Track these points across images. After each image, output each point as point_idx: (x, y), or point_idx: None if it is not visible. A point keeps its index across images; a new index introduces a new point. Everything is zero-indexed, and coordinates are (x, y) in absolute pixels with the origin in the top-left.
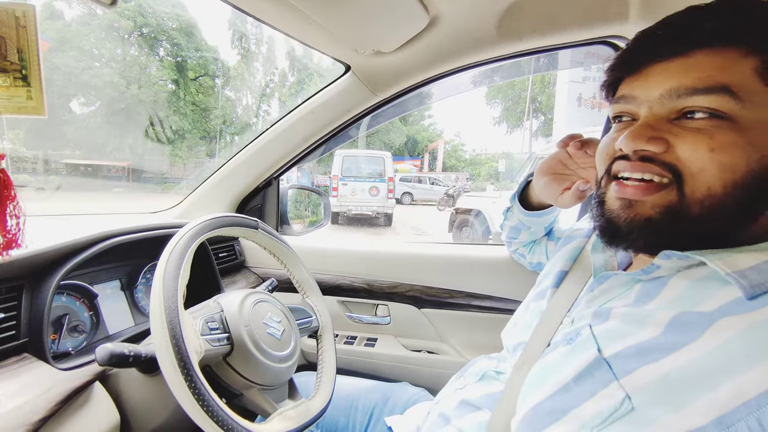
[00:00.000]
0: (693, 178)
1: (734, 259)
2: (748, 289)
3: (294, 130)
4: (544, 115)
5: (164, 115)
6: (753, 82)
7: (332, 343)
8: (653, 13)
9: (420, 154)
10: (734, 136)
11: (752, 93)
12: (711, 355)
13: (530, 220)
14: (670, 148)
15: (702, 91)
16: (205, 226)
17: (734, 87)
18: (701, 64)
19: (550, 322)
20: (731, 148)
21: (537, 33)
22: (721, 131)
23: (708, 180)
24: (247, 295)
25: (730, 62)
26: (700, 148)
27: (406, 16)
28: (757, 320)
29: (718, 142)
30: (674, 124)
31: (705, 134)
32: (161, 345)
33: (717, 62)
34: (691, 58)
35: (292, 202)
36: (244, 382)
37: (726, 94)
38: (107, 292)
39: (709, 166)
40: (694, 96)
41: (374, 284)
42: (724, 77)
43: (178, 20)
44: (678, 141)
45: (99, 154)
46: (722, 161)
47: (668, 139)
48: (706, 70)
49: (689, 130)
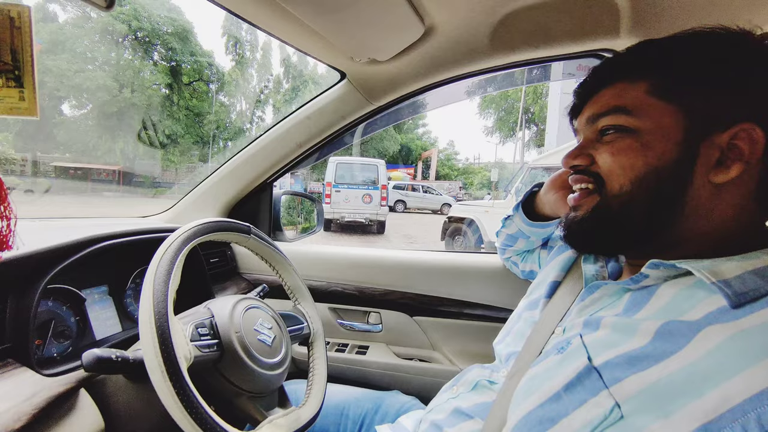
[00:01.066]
0: (608, 180)
1: (720, 269)
2: (732, 298)
3: (288, 136)
4: (536, 126)
5: (157, 120)
6: (645, 99)
7: (323, 350)
8: (643, 28)
9: (414, 162)
10: (630, 141)
11: (645, 107)
12: (698, 363)
13: (531, 230)
14: (594, 161)
15: (603, 113)
16: (197, 230)
17: (627, 105)
18: (605, 96)
19: (542, 332)
20: (627, 150)
21: (530, 45)
22: (621, 139)
23: (617, 179)
24: (238, 301)
25: (622, 90)
26: (606, 154)
27: (401, 26)
28: (741, 329)
29: (617, 147)
30: (598, 142)
31: (610, 144)
32: (150, 350)
33: (613, 92)
34: (600, 94)
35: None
36: (234, 389)
37: (620, 112)
38: (95, 297)
39: (614, 168)
40: (601, 118)
41: (366, 291)
42: (618, 101)
43: (173, 25)
44: (597, 154)
45: (89, 158)
46: (621, 162)
47: (593, 155)
48: (607, 99)
49: (603, 144)
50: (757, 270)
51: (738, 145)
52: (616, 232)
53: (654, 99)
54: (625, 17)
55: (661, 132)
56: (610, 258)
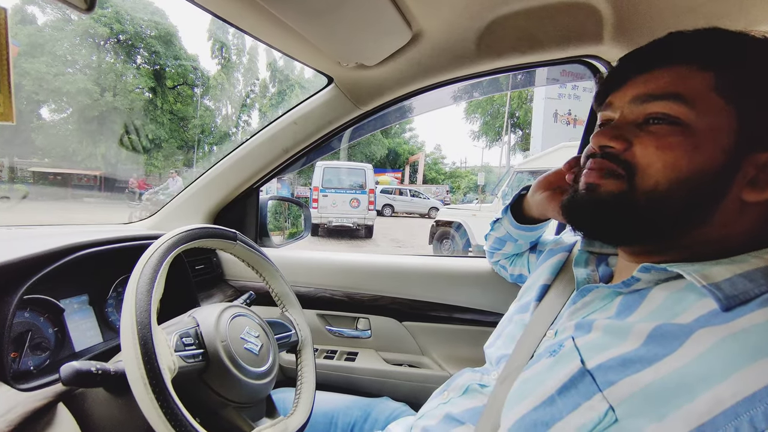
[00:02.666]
0: (642, 172)
1: (710, 272)
2: (723, 301)
3: (275, 141)
4: (521, 130)
5: (140, 124)
6: (707, 93)
7: (312, 358)
8: (626, 36)
9: (401, 166)
10: (681, 139)
11: (704, 102)
12: (690, 366)
13: (519, 233)
14: (630, 147)
15: (659, 97)
16: (182, 237)
17: (686, 95)
18: (661, 77)
19: (533, 335)
20: (675, 148)
21: (516, 51)
22: (671, 134)
23: (654, 175)
24: (224, 309)
25: (685, 76)
26: (650, 146)
27: (388, 31)
28: (732, 331)
29: (665, 142)
30: (639, 128)
31: (657, 135)
32: (132, 361)
33: (674, 76)
34: (654, 73)
35: (272, 214)
36: (220, 400)
37: (677, 101)
38: (74, 307)
39: (655, 161)
40: (654, 102)
41: (355, 297)
42: (677, 87)
43: (156, 28)
44: (636, 141)
45: (70, 163)
46: (665, 159)
47: (631, 139)
48: (664, 82)
49: (648, 132)
50: (746, 273)
51: None
52: (634, 225)
53: (716, 96)
54: (608, 24)
55: (713, 134)
56: (601, 261)
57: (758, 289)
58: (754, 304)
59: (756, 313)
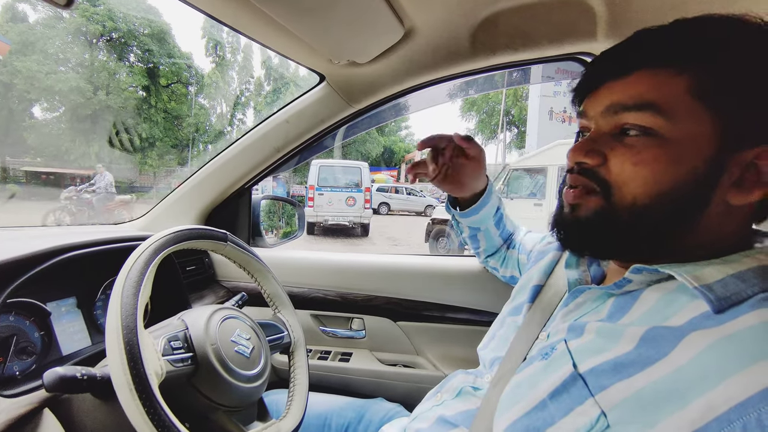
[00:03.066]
0: (619, 189)
1: (701, 273)
2: (714, 303)
3: (266, 140)
4: (517, 128)
5: (134, 123)
6: (684, 99)
7: (305, 359)
8: (619, 32)
9: (397, 164)
10: (659, 152)
11: (682, 110)
12: (682, 371)
13: (473, 219)
14: (605, 162)
15: (632, 107)
16: (170, 239)
17: (662, 104)
18: (637, 84)
19: (526, 337)
20: (654, 162)
21: (509, 48)
22: (647, 147)
23: (633, 191)
24: (214, 311)
25: (662, 81)
26: (626, 162)
27: (380, 28)
28: (725, 335)
29: (642, 157)
30: (615, 140)
31: (633, 150)
32: (117, 367)
33: (650, 81)
34: (631, 78)
35: (266, 213)
36: (210, 405)
37: (652, 111)
38: (61, 310)
39: (632, 179)
40: (627, 112)
41: (349, 297)
42: (653, 95)
43: (150, 26)
44: (611, 155)
45: (62, 162)
46: (645, 175)
47: (606, 153)
48: (639, 89)
49: (623, 145)
50: (738, 274)
51: (758, 165)
52: (618, 239)
53: (694, 100)
54: (601, 21)
55: (693, 143)
56: (592, 262)
57: (750, 290)
58: (747, 306)
59: (748, 316)
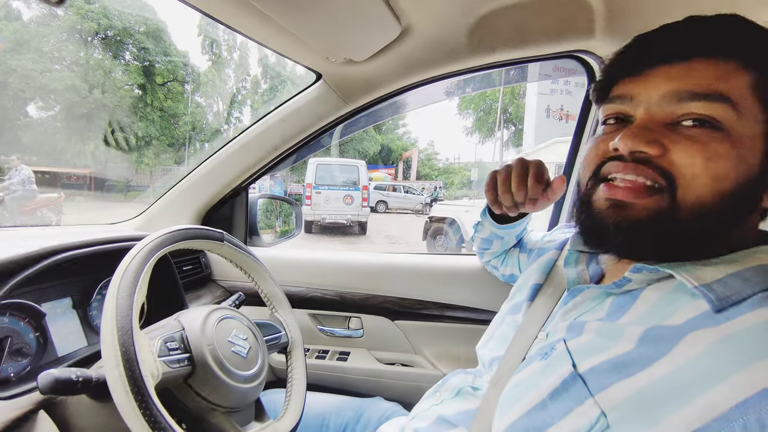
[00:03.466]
0: (686, 184)
1: (702, 272)
2: (714, 302)
3: (263, 139)
4: (514, 126)
5: (130, 121)
6: (748, 96)
7: (302, 359)
8: (618, 30)
9: (394, 162)
10: (728, 147)
11: (746, 106)
12: (682, 370)
13: (503, 231)
14: (665, 152)
15: (702, 97)
16: (166, 239)
17: (732, 96)
18: (702, 71)
19: (525, 336)
20: (724, 158)
21: (507, 45)
22: (716, 141)
23: (699, 188)
24: (210, 311)
25: (729, 73)
26: (697, 155)
27: (377, 26)
28: (725, 334)
29: (714, 151)
30: (670, 130)
31: (700, 142)
32: (112, 368)
33: (717, 71)
34: (693, 64)
35: (263, 212)
36: (207, 405)
37: (725, 104)
38: (57, 311)
39: (702, 174)
40: (694, 102)
41: (346, 296)
42: (723, 87)
43: (145, 23)
44: (675, 146)
45: (58, 161)
46: (716, 171)
47: (666, 144)
48: (707, 78)
49: (685, 137)
50: (739, 273)
51: None
52: (682, 240)
53: (755, 98)
54: (599, 18)
55: (752, 142)
56: (591, 260)
57: (750, 290)
58: (746, 305)
59: (748, 315)
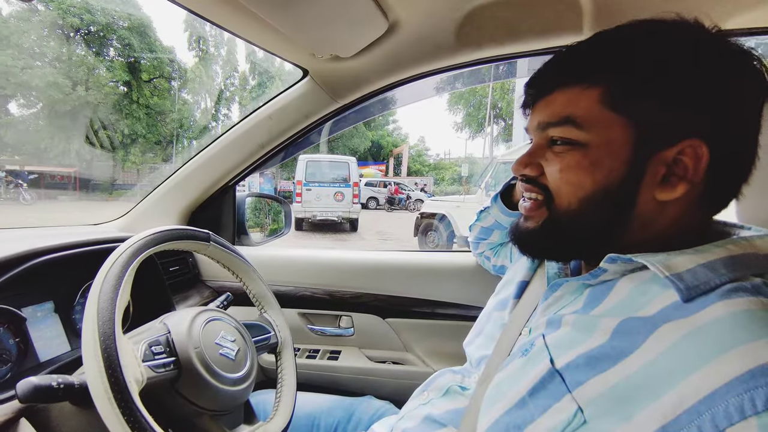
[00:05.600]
0: (557, 195)
1: (674, 262)
2: (684, 292)
3: (250, 136)
4: (504, 121)
5: (115, 119)
6: (597, 109)
7: (292, 359)
8: (605, 26)
9: (385, 158)
10: (579, 158)
11: (595, 119)
12: (654, 363)
13: (509, 220)
14: (542, 172)
15: (553, 123)
16: (149, 240)
17: (577, 117)
18: (555, 102)
19: (511, 334)
20: (575, 168)
21: (495, 41)
22: (570, 154)
23: (565, 196)
24: (197, 313)
25: (575, 97)
26: (554, 169)
27: (364, 22)
28: (694, 326)
29: (565, 163)
30: (549, 150)
31: (559, 157)
32: (94, 376)
33: (566, 98)
34: (551, 97)
35: (252, 210)
36: (194, 410)
37: (570, 125)
38: (38, 315)
39: (561, 184)
40: (550, 128)
41: (337, 295)
42: (568, 110)
43: (129, 19)
44: (546, 165)
45: (41, 160)
46: (569, 179)
47: (542, 164)
48: (557, 107)
49: (554, 154)
50: (708, 263)
51: (683, 161)
52: (567, 244)
53: (605, 110)
54: (587, 15)
55: (609, 148)
56: None
57: (718, 279)
58: (715, 296)
59: (716, 306)
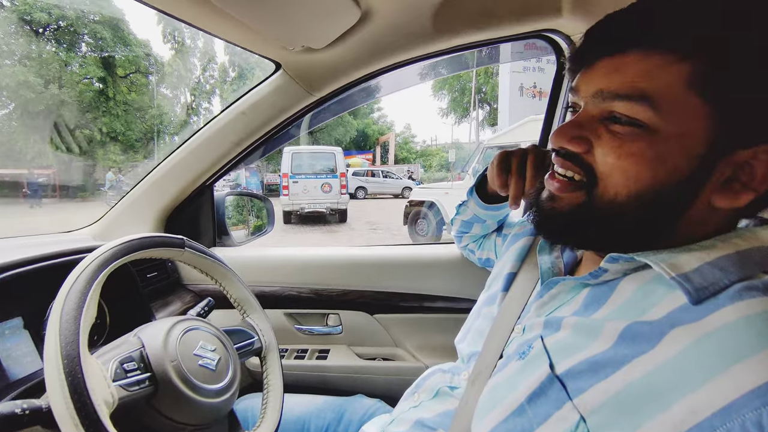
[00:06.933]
0: (603, 181)
1: (678, 261)
2: (692, 294)
3: (224, 134)
4: (489, 105)
5: (92, 117)
6: (682, 91)
7: (278, 363)
8: (585, 9)
9: (371, 147)
10: (643, 147)
11: (677, 103)
12: (663, 370)
13: (487, 213)
14: (591, 149)
15: (622, 97)
16: (117, 251)
17: (656, 96)
18: (628, 67)
19: (501, 330)
20: (636, 157)
21: (473, 27)
22: (633, 140)
23: (614, 186)
24: (173, 324)
25: (658, 68)
26: (610, 153)
27: (335, 10)
28: (705, 332)
29: (626, 150)
30: (603, 125)
31: (618, 140)
32: (59, 402)
33: (644, 67)
34: (625, 58)
35: (234, 208)
36: (173, 426)
37: (644, 103)
38: (5, 333)
39: (614, 171)
40: (616, 101)
41: (323, 293)
42: (646, 84)
43: (100, 13)
44: (597, 143)
45: (17, 162)
46: (625, 169)
47: (592, 140)
48: (630, 75)
49: (610, 133)
50: (715, 261)
51: (753, 166)
52: (597, 233)
53: (692, 93)
54: None
55: (682, 141)
56: (566, 248)
57: (728, 279)
58: (725, 297)
59: (728, 309)
